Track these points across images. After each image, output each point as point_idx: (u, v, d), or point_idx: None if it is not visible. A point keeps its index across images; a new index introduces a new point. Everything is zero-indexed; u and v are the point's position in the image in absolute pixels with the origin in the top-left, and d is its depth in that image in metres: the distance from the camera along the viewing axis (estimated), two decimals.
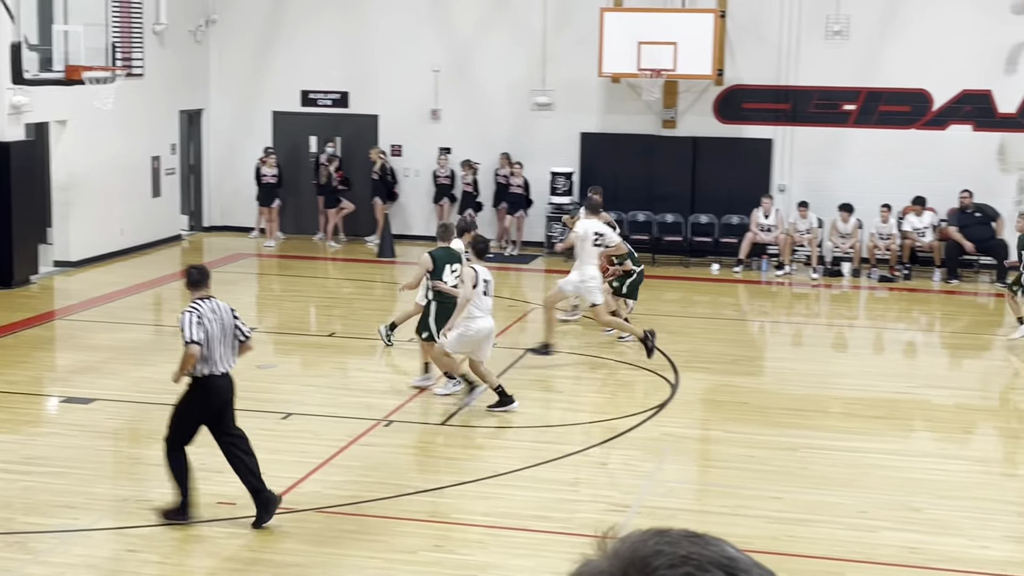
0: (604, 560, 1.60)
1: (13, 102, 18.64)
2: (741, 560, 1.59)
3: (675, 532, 1.61)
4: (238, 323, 9.87)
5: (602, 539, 1.63)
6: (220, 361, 9.71)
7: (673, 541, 1.59)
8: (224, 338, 9.72)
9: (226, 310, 9.84)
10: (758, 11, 22.72)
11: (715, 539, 1.61)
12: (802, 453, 12.00)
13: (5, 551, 9.26)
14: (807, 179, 22.79)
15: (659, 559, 1.56)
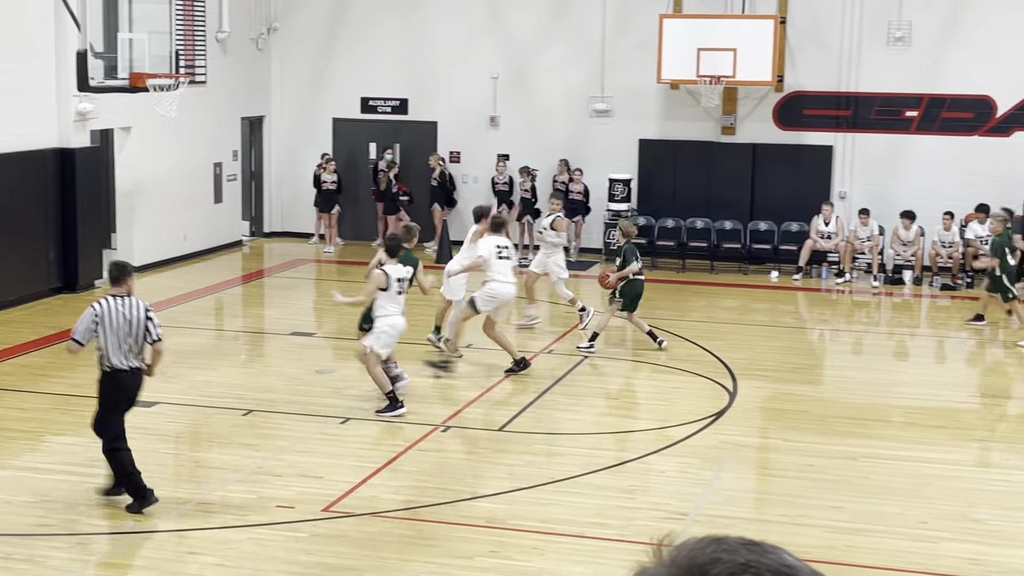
0: (662, 568, 1.60)
1: (79, 109, 18.93)
2: (800, 568, 1.58)
3: (732, 540, 1.61)
4: (150, 325, 10.16)
5: (657, 547, 1.64)
6: (124, 358, 10.09)
7: (731, 549, 1.58)
8: (129, 337, 10.05)
9: (138, 309, 10.13)
10: (819, 17, 22.57)
11: (772, 547, 1.61)
12: (862, 462, 11.89)
13: (69, 552, 9.40)
14: (868, 186, 22.59)
15: (718, 567, 1.56)
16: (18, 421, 12.70)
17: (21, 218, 18.11)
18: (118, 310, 10.07)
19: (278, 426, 12.76)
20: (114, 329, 10.03)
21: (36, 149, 18.41)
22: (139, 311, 10.12)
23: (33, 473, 11.26)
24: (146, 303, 10.35)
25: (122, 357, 10.10)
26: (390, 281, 12.95)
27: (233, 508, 10.29)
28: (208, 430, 12.76)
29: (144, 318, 10.13)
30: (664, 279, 21.26)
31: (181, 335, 16.74)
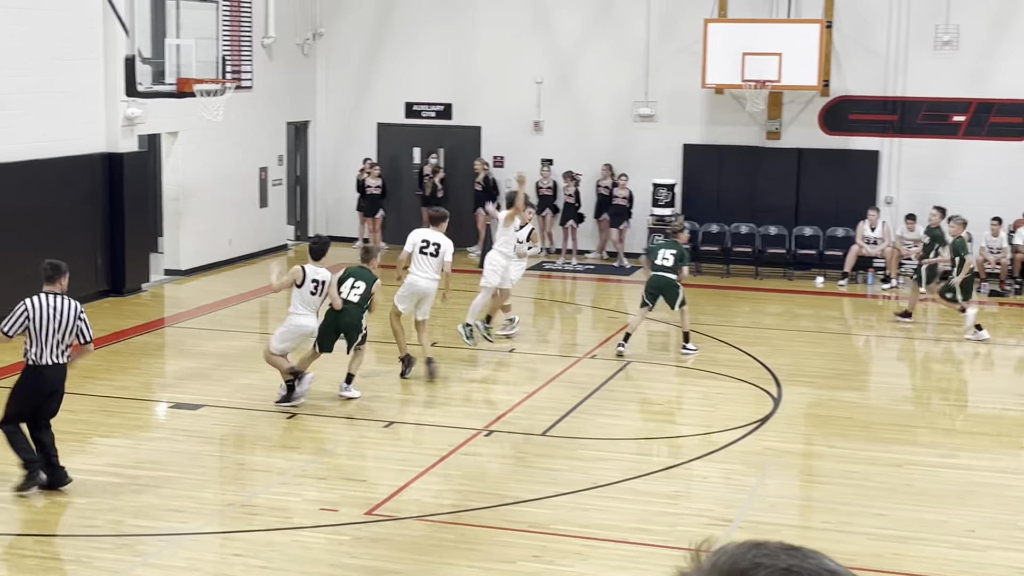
0: (701, 573, 1.59)
1: (127, 114, 19.12)
2: (841, 574, 1.57)
3: (772, 544, 1.60)
4: (82, 325, 10.61)
5: (696, 552, 1.63)
6: (49, 353, 10.44)
7: (772, 554, 1.58)
8: (57, 333, 10.41)
9: (70, 309, 10.54)
10: (865, 21, 22.43)
11: (813, 552, 1.60)
12: (907, 470, 11.80)
13: (114, 553, 9.49)
14: (914, 191, 22.41)
15: (759, 572, 1.55)
16: (66, 423, 12.81)
17: (70, 222, 18.30)
18: (50, 307, 10.44)
19: (322, 429, 12.82)
20: (44, 325, 10.40)
21: (85, 154, 18.60)
22: (71, 311, 10.52)
23: (81, 474, 11.36)
24: (79, 304, 10.75)
25: (48, 353, 10.45)
26: (305, 280, 13.32)
27: (277, 511, 10.35)
28: (253, 433, 12.84)
29: (76, 318, 10.55)
30: (708, 284, 21.18)
31: (226, 338, 16.86)
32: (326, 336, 13.67)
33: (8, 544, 9.51)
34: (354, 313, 13.63)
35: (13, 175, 17.11)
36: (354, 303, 13.65)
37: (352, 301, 13.64)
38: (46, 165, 17.72)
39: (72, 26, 18.25)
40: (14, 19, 17.14)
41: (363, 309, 13.68)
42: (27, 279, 17.28)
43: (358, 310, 13.65)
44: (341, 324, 13.64)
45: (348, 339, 13.65)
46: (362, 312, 13.68)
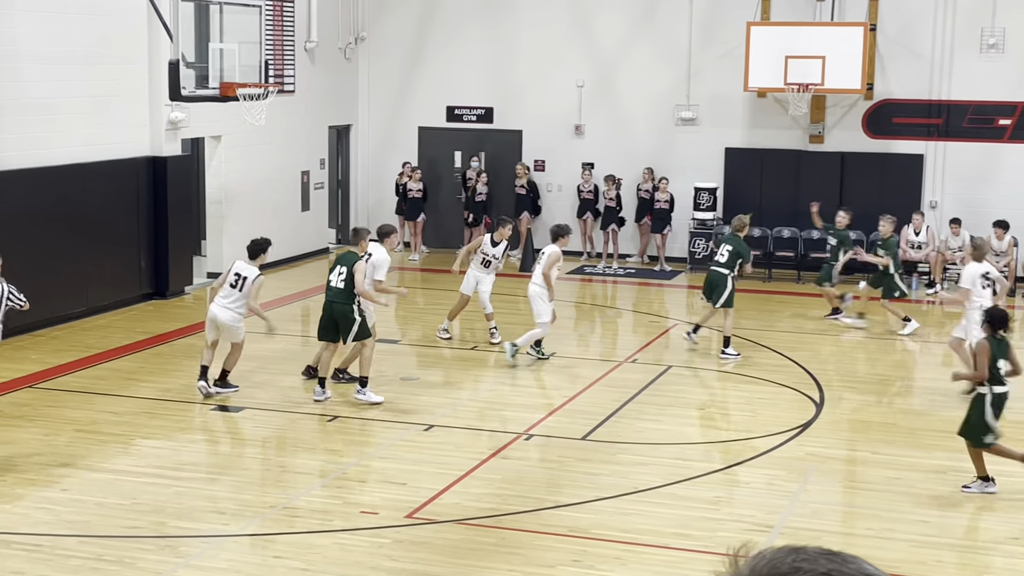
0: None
1: (171, 118, 19.27)
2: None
3: (811, 549, 1.59)
4: (12, 297, 12.06)
5: (734, 557, 1.62)
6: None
7: (811, 559, 1.57)
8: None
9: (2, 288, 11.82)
10: (910, 24, 22.26)
11: (852, 557, 1.59)
12: (951, 476, 11.68)
13: (157, 554, 9.55)
14: (959, 196, 22.22)
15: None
16: (110, 424, 12.94)
17: (114, 225, 18.46)
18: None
19: (362, 432, 12.86)
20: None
21: (129, 157, 18.76)
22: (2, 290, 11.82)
23: (124, 476, 11.46)
24: (7, 283, 11.96)
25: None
26: (228, 272, 14.00)
27: (318, 513, 10.39)
28: (294, 435, 12.89)
29: (5, 296, 11.91)
30: (750, 288, 21.06)
31: (268, 341, 16.93)
32: (324, 327, 13.86)
33: (52, 544, 9.59)
34: (342, 300, 13.59)
35: (59, 178, 17.28)
36: (339, 289, 13.63)
37: (338, 288, 13.63)
38: (91, 168, 17.89)
39: (117, 31, 18.42)
40: (60, 24, 17.32)
41: (352, 295, 13.54)
42: (74, 281, 17.49)
43: (345, 296, 13.56)
44: (333, 313, 13.70)
45: (341, 329, 13.65)
46: (351, 298, 13.55)
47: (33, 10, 16.87)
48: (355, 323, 13.59)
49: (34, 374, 14.85)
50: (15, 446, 12.08)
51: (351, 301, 13.56)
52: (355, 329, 13.62)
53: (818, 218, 20.16)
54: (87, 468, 11.55)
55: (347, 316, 13.58)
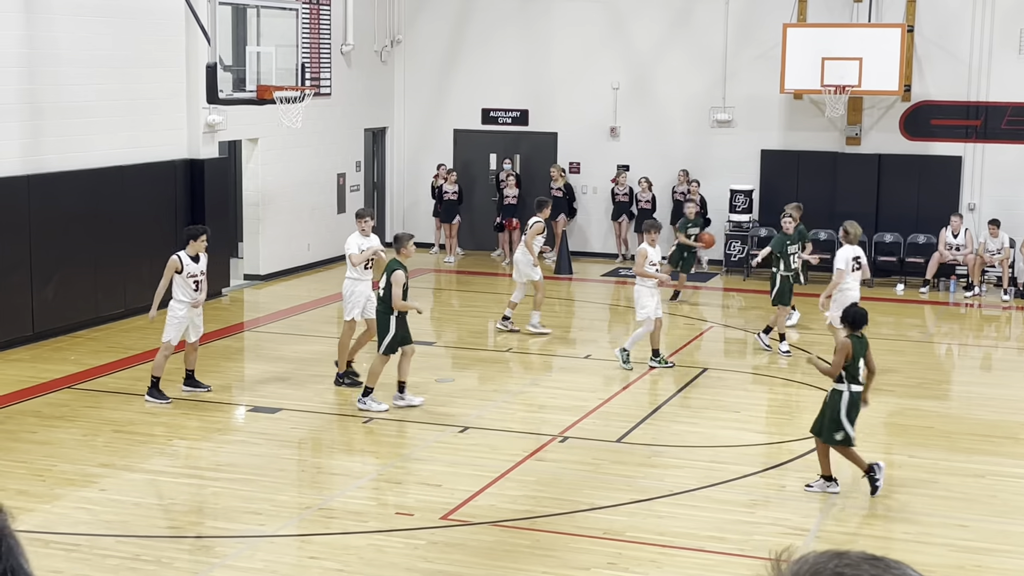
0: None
1: (208, 121, 19.40)
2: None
3: (854, 554, 1.58)
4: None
5: (776, 561, 1.62)
6: None
7: (854, 563, 1.56)
8: None
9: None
10: (947, 25, 22.11)
11: (896, 562, 1.58)
12: (989, 480, 11.59)
13: (194, 554, 9.62)
14: (998, 198, 22.05)
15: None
16: (147, 425, 13.04)
17: (152, 227, 18.59)
18: None
19: (398, 434, 12.89)
20: None
21: (167, 160, 18.90)
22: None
23: (161, 476, 11.54)
24: None
25: None
26: (183, 267, 13.81)
27: (353, 514, 10.43)
28: (330, 437, 12.95)
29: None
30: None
31: (304, 343, 17.01)
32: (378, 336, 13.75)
33: (90, 544, 9.67)
34: (380, 310, 13.52)
35: (97, 181, 17.43)
36: (379, 298, 13.56)
37: (380, 297, 13.54)
38: (129, 171, 18.03)
39: (155, 35, 18.56)
40: (98, 27, 17.47)
41: (388, 305, 13.37)
42: (112, 282, 17.63)
43: (383, 306, 13.46)
44: (376, 319, 13.65)
45: (377, 336, 13.59)
46: (387, 309, 13.39)
47: (73, 14, 17.03)
48: (388, 333, 13.37)
49: (73, 375, 14.98)
50: (54, 446, 12.19)
51: (387, 310, 13.38)
52: (387, 340, 13.38)
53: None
54: (125, 468, 11.64)
55: (383, 325, 13.42)
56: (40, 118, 16.57)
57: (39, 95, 16.52)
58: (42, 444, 12.26)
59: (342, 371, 14.69)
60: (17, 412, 13.39)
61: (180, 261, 13.83)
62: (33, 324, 16.45)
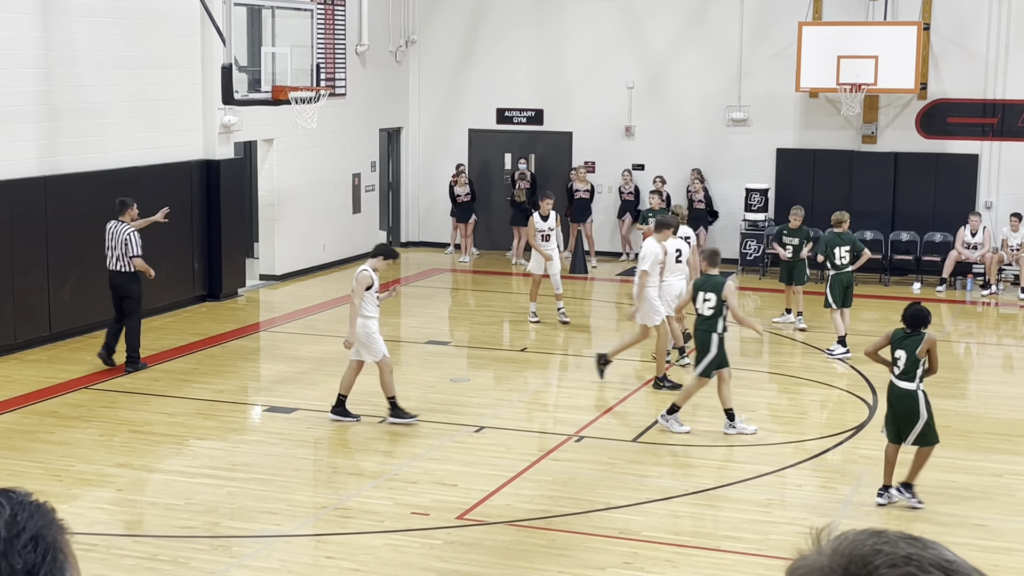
0: (823, 557, 1.62)
1: (223, 122, 19.44)
2: (960, 564, 1.59)
3: (892, 533, 1.62)
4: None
5: (817, 535, 1.64)
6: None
7: (892, 541, 1.60)
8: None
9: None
10: (964, 23, 22.03)
11: (932, 542, 1.62)
12: (1007, 479, 11.55)
13: (210, 554, 9.64)
14: (1015, 195, 21.96)
15: (879, 558, 1.57)
16: (164, 425, 13.07)
17: (168, 228, 18.58)
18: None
19: (413, 433, 12.90)
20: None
21: (182, 161, 18.95)
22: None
23: (178, 476, 11.58)
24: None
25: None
26: (374, 283, 12.84)
27: (369, 514, 10.44)
28: (345, 436, 12.96)
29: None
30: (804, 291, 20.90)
31: (320, 343, 17.03)
32: None
33: (107, 544, 9.70)
34: (702, 328, 12.70)
35: (113, 182, 17.47)
36: (702, 317, 12.70)
37: (703, 316, 12.73)
38: (145, 172, 18.07)
39: (171, 36, 18.61)
40: (113, 29, 17.52)
41: (711, 323, 12.62)
42: None
43: (705, 323, 12.63)
44: (696, 341, 13.04)
45: (696, 357, 12.93)
46: (710, 327, 12.64)
47: (89, 16, 17.08)
48: (708, 354, 12.59)
49: (90, 375, 15.03)
50: (71, 447, 12.23)
51: (711, 329, 12.60)
52: (706, 361, 12.63)
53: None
54: (142, 468, 11.68)
55: (704, 344, 12.67)
56: (56, 119, 16.63)
57: (55, 96, 16.58)
58: (59, 444, 12.31)
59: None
60: (34, 412, 13.44)
61: (372, 277, 12.87)
62: (50, 325, 16.51)
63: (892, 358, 10.69)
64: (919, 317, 10.71)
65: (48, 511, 1.76)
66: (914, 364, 10.55)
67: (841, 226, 16.79)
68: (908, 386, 10.58)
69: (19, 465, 11.63)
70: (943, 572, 1.56)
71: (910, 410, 10.56)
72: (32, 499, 1.76)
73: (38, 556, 1.69)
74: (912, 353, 10.58)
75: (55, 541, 1.72)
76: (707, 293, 12.63)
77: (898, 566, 1.56)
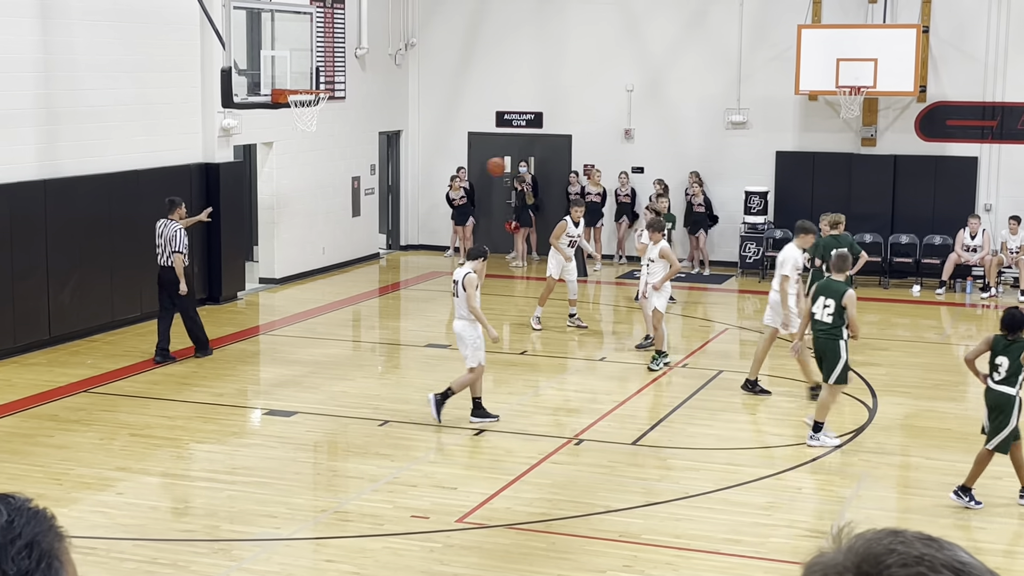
0: (839, 554, 1.63)
1: (223, 125, 19.44)
2: (974, 566, 1.60)
3: (909, 533, 1.63)
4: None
5: (839, 532, 1.67)
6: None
7: (907, 541, 1.61)
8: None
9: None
10: (963, 25, 22.04)
11: (949, 543, 1.62)
12: (1007, 482, 11.54)
13: (210, 557, 9.63)
14: (1015, 198, 21.96)
15: (892, 557, 1.58)
16: (164, 429, 13.07)
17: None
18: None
19: (413, 437, 12.90)
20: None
21: (182, 164, 18.94)
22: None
23: (178, 480, 11.58)
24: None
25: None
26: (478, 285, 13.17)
27: (369, 517, 10.43)
28: (345, 440, 12.96)
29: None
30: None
31: (319, 346, 17.03)
32: None
33: (107, 547, 9.70)
34: (828, 336, 12.53)
35: (113, 185, 17.48)
36: (827, 324, 12.48)
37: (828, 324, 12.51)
38: (145, 175, 18.07)
39: (170, 39, 18.61)
40: (113, 32, 17.53)
41: (838, 330, 12.42)
42: (128, 286, 17.67)
43: (833, 331, 12.47)
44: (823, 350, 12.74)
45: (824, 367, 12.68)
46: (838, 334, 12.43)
47: (89, 20, 17.09)
48: (839, 361, 12.44)
49: (89, 379, 15.02)
50: (71, 450, 12.22)
51: (839, 336, 12.44)
52: (838, 369, 12.43)
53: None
54: (141, 472, 11.67)
55: (832, 351, 12.45)
56: (56, 123, 16.63)
57: (55, 100, 16.59)
58: (59, 448, 12.30)
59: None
60: (34, 416, 13.44)
61: (477, 279, 13.13)
62: (50, 328, 16.51)
63: (992, 364, 10.68)
64: (1018, 321, 10.70)
65: (46, 517, 1.75)
66: (1017, 370, 10.54)
67: (837, 228, 16.70)
68: (1009, 391, 10.59)
69: (19, 469, 11.63)
70: (955, 573, 1.56)
71: (1005, 414, 10.56)
72: (30, 505, 1.75)
73: (32, 562, 1.69)
74: (1016, 359, 10.55)
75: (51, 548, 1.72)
76: (827, 299, 12.44)
77: (909, 565, 1.57)
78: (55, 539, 1.73)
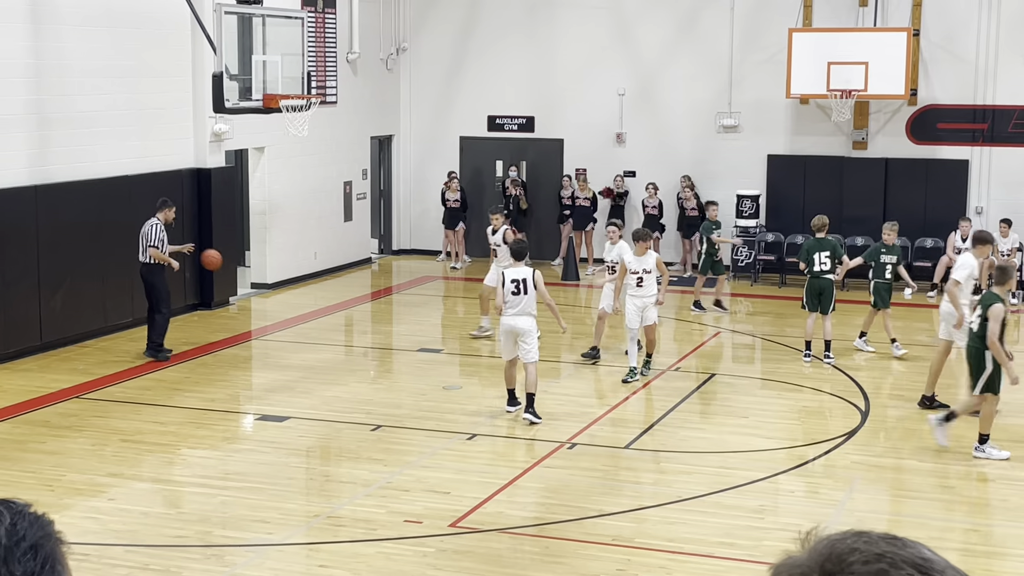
0: (803, 554, 1.66)
1: (215, 130, 19.42)
2: (936, 562, 1.62)
3: (874, 533, 1.66)
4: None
5: (805, 537, 1.69)
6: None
7: (870, 540, 1.63)
8: None
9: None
10: (953, 28, 22.09)
11: (912, 542, 1.65)
12: (999, 484, 11.56)
13: (203, 563, 9.61)
14: (1005, 201, 22.01)
15: (855, 555, 1.61)
16: (156, 435, 13.04)
17: None
18: None
19: (406, 441, 12.89)
20: None
21: (174, 169, 18.92)
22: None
23: (170, 486, 11.56)
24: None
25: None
26: (505, 281, 13.31)
27: (362, 522, 10.42)
28: (338, 445, 12.94)
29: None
30: (794, 296, 20.93)
31: (311, 351, 17.02)
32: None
33: (99, 553, 9.67)
34: (974, 346, 12.46)
35: (104, 191, 17.46)
36: (973, 333, 12.53)
37: (974, 332, 12.55)
38: (136, 180, 18.05)
39: (161, 44, 18.60)
40: (104, 38, 17.51)
41: (983, 341, 12.29)
42: (119, 292, 17.64)
43: (978, 341, 12.41)
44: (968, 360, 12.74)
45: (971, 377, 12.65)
46: (982, 344, 12.32)
47: (79, 25, 17.07)
48: (984, 371, 12.29)
49: (81, 384, 15.00)
50: (63, 456, 12.19)
51: (984, 347, 12.33)
52: (983, 378, 12.37)
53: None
54: (133, 478, 11.65)
55: (978, 361, 12.45)
56: (47, 128, 16.60)
57: (46, 105, 16.56)
58: (51, 454, 12.27)
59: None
60: (26, 422, 13.40)
61: None
62: (41, 334, 16.47)
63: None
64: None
65: (47, 522, 1.79)
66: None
67: (822, 231, 16.69)
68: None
69: (10, 475, 11.60)
70: (916, 569, 1.59)
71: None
72: (32, 510, 1.79)
73: (37, 565, 1.72)
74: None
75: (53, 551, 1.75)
76: (982, 310, 12.38)
77: (871, 563, 1.59)
78: (56, 544, 1.77)
